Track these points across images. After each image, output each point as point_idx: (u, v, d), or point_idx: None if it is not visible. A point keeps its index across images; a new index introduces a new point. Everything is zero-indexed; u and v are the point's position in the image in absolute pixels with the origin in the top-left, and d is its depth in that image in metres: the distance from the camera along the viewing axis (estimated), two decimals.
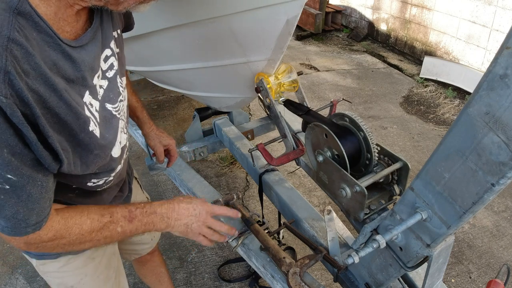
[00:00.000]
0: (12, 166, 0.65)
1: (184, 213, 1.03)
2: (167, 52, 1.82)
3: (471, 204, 0.77)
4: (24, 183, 0.68)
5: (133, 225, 0.95)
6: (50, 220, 0.80)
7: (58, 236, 0.83)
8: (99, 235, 0.89)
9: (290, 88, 1.78)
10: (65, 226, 0.83)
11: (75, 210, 0.87)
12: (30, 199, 0.71)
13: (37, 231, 0.77)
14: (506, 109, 0.64)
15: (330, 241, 1.33)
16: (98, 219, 0.89)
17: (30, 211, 0.72)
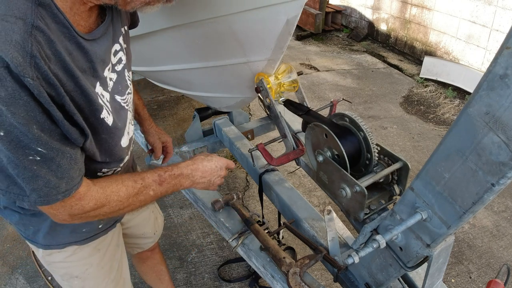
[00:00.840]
0: (42, 141, 0.70)
1: (207, 171, 1.13)
2: (167, 52, 1.82)
3: (471, 204, 0.77)
4: (54, 155, 0.73)
5: (163, 187, 1.02)
6: (89, 191, 0.86)
7: (99, 205, 0.89)
8: (135, 199, 0.96)
9: (290, 88, 1.78)
10: (104, 194, 0.89)
11: (110, 180, 0.93)
12: (60, 169, 0.75)
13: (80, 203, 0.84)
14: (506, 109, 0.64)
15: (330, 241, 1.33)
16: (132, 185, 0.95)
17: (60, 180, 0.76)
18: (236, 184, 3.07)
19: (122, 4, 0.81)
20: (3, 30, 0.63)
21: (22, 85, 0.64)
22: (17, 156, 0.69)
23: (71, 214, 0.86)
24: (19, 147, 0.69)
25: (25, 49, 0.64)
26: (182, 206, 2.83)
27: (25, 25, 0.65)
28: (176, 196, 2.91)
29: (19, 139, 0.68)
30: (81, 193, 0.85)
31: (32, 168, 0.72)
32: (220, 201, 1.62)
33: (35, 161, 0.71)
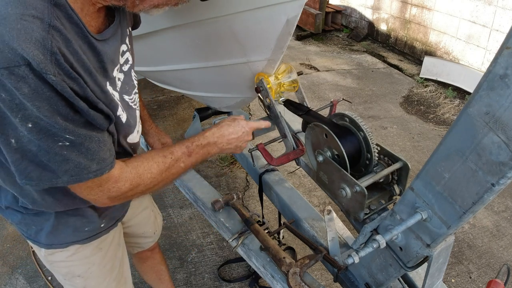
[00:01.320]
0: (68, 129, 0.72)
1: (233, 137, 1.15)
2: (167, 52, 1.81)
3: (471, 204, 0.77)
4: (82, 140, 0.76)
5: (192, 158, 1.05)
6: (123, 173, 0.89)
7: (135, 185, 0.92)
8: (167, 174, 0.99)
9: (290, 88, 1.78)
10: (137, 174, 0.92)
11: (140, 159, 0.96)
12: (89, 151, 0.78)
13: (117, 185, 0.88)
14: (506, 109, 0.64)
15: (330, 241, 1.33)
16: (162, 160, 0.98)
17: (90, 161, 0.79)
18: (236, 184, 3.07)
19: (130, 6, 0.82)
20: (23, 29, 0.64)
21: (44, 81, 0.66)
22: (47, 143, 0.71)
23: (110, 197, 0.89)
24: (48, 135, 0.71)
25: (46, 46, 0.65)
26: (182, 206, 2.83)
27: (43, 24, 0.66)
28: (176, 196, 2.91)
29: (47, 128, 0.70)
30: (116, 176, 0.87)
31: (62, 153, 0.74)
32: (220, 201, 1.62)
33: (64, 146, 0.73)
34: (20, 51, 0.63)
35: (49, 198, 0.99)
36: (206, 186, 1.80)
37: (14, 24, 0.64)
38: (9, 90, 0.65)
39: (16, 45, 0.63)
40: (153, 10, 0.86)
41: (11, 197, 1.03)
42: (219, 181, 3.10)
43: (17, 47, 0.63)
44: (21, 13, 0.65)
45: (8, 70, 0.63)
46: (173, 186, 2.97)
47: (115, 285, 1.33)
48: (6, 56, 0.63)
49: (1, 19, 0.64)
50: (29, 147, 0.71)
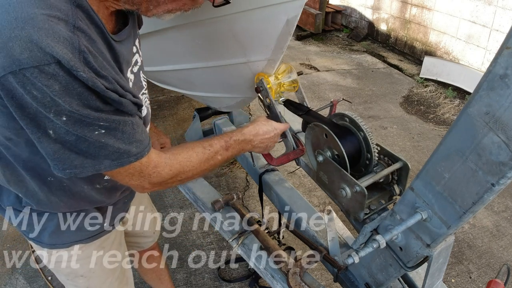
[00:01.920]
0: (101, 118, 0.74)
1: (266, 137, 1.22)
2: (167, 52, 1.81)
3: (471, 204, 0.77)
4: (116, 125, 0.77)
5: (229, 152, 1.09)
6: (161, 158, 0.92)
7: (175, 171, 0.95)
8: (206, 164, 1.03)
9: (290, 88, 1.78)
10: (176, 161, 0.95)
11: (179, 148, 0.99)
12: (125, 135, 0.80)
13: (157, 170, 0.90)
14: (506, 109, 0.64)
15: (330, 241, 1.33)
16: (202, 151, 1.02)
17: (129, 145, 0.81)
18: (236, 184, 3.07)
19: (144, 11, 0.84)
20: (50, 28, 0.65)
21: (75, 78, 0.67)
22: (84, 133, 0.73)
23: (151, 182, 0.91)
24: (83, 126, 0.72)
25: (73, 45, 0.67)
26: (182, 206, 2.83)
27: (68, 25, 0.68)
28: (176, 196, 2.91)
29: (81, 120, 0.72)
30: (155, 161, 0.90)
31: (100, 140, 0.76)
32: (220, 201, 1.62)
33: (101, 134, 0.75)
34: (49, 50, 0.64)
35: (54, 199, 0.99)
36: (206, 186, 1.80)
37: (41, 24, 0.64)
38: (40, 88, 0.66)
39: (45, 44, 0.63)
40: (166, 15, 0.87)
41: (14, 197, 1.03)
42: (219, 181, 3.10)
43: (46, 46, 0.63)
44: (47, 14, 0.66)
45: (38, 69, 0.64)
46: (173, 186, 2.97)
47: (118, 284, 1.33)
48: (35, 55, 0.63)
49: (29, 19, 0.64)
50: (67, 137, 0.73)
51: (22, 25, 0.64)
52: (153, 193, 2.94)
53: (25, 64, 0.63)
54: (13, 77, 0.65)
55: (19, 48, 0.63)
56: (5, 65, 0.64)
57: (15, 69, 0.64)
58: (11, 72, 0.64)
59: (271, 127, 1.24)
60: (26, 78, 0.65)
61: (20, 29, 0.63)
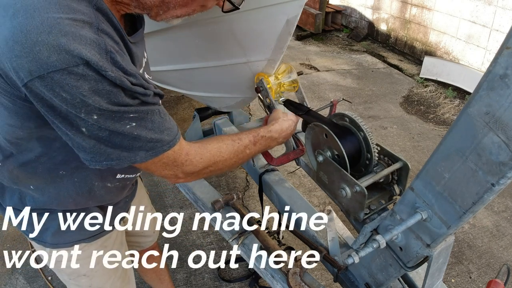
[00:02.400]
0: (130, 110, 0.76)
1: (288, 132, 1.28)
2: (167, 52, 1.81)
3: (471, 204, 0.77)
4: (144, 115, 0.79)
5: (256, 147, 1.13)
6: (192, 146, 0.93)
7: (206, 161, 0.96)
8: (236, 157, 1.05)
9: (290, 88, 1.78)
10: (206, 150, 0.96)
11: (209, 140, 1.01)
12: (155, 124, 0.81)
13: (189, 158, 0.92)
14: (506, 109, 0.64)
15: (330, 241, 1.33)
16: (231, 143, 1.04)
17: (160, 134, 0.82)
18: (236, 184, 3.07)
19: (154, 16, 0.84)
20: (77, 32, 0.66)
21: (104, 77, 0.69)
22: (116, 127, 0.75)
23: (184, 171, 0.93)
24: (115, 121, 0.74)
25: (100, 46, 0.68)
26: (182, 206, 2.83)
27: (92, 28, 0.69)
28: (176, 196, 2.91)
29: (112, 116, 0.73)
30: (186, 148, 0.91)
31: (133, 133, 0.78)
32: (220, 201, 1.62)
33: (132, 127, 0.77)
34: (77, 52, 0.65)
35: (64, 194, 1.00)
36: (206, 186, 1.80)
37: (67, 28, 0.65)
38: (69, 90, 0.67)
39: (72, 47, 0.64)
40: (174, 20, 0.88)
41: (17, 198, 1.03)
42: (219, 181, 3.10)
43: (74, 48, 0.64)
44: (71, 18, 0.67)
45: (67, 71, 0.65)
46: (173, 186, 2.98)
47: (120, 284, 1.33)
48: (63, 57, 0.64)
49: (55, 24, 0.65)
50: (101, 133, 0.75)
51: (49, 30, 0.64)
52: (153, 193, 2.94)
53: (53, 67, 0.64)
54: (40, 81, 0.66)
55: (47, 52, 0.64)
56: (32, 69, 0.65)
57: (42, 73, 0.65)
58: (38, 76, 0.65)
59: (290, 121, 1.29)
60: (55, 81, 0.66)
61: (47, 33, 0.64)
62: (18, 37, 0.64)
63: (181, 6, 0.83)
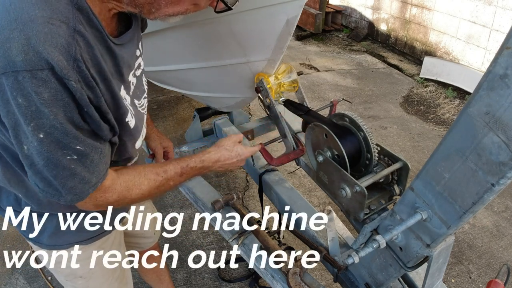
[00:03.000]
0: (79, 139, 0.74)
1: (228, 162, 1.17)
2: (167, 52, 1.82)
3: (471, 204, 0.77)
4: (88, 151, 0.77)
5: (182, 178, 1.07)
6: (113, 184, 0.89)
7: (122, 197, 0.92)
8: (156, 191, 1.00)
9: (290, 88, 1.78)
10: (126, 188, 0.93)
11: (133, 173, 0.96)
12: (92, 164, 0.79)
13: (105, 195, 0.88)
14: (506, 109, 0.64)
15: (330, 241, 1.33)
16: (154, 178, 0.99)
17: (91, 175, 0.80)
18: (236, 184, 3.07)
19: (146, 13, 0.83)
20: (50, 33, 0.65)
21: (65, 87, 0.67)
22: (56, 156, 0.72)
23: (95, 205, 0.89)
24: (59, 147, 0.71)
25: (70, 52, 0.67)
26: (182, 206, 2.83)
27: (68, 29, 0.67)
28: (176, 196, 2.91)
29: (59, 140, 0.70)
30: (106, 187, 0.88)
31: (70, 167, 0.75)
32: (220, 201, 1.62)
33: (72, 160, 0.74)
34: (45, 55, 0.63)
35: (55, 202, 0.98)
36: (206, 186, 1.80)
37: (41, 27, 0.64)
38: (27, 95, 0.65)
39: (41, 49, 0.63)
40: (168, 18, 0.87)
41: (13, 198, 1.03)
42: (219, 181, 3.10)
43: (43, 50, 0.63)
44: (48, 17, 0.65)
45: (30, 73, 0.64)
46: None
47: (117, 285, 1.33)
48: (30, 58, 0.63)
49: (29, 21, 0.64)
50: (38, 159, 0.72)
51: (22, 27, 0.63)
52: None
53: (18, 67, 0.63)
54: (5, 79, 0.64)
55: (16, 50, 0.63)
56: (0, 65, 0.64)
57: (8, 70, 0.63)
58: (3, 73, 0.64)
59: (235, 153, 1.18)
60: (17, 82, 0.64)
61: (19, 31, 0.63)
62: None
63: (172, 4, 0.82)
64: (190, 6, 0.85)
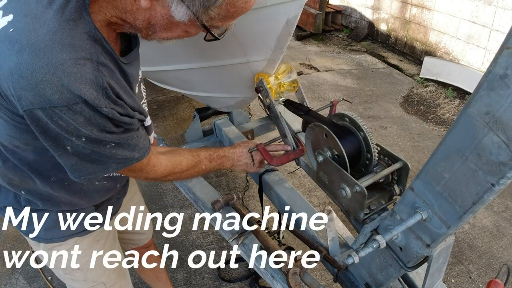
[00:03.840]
0: (114, 138, 0.87)
1: (243, 155, 1.39)
2: (167, 52, 1.81)
3: (471, 204, 0.77)
4: (124, 141, 0.90)
5: (211, 164, 1.29)
6: (159, 159, 1.10)
7: (168, 171, 1.14)
8: (192, 170, 1.22)
9: (290, 88, 1.78)
10: (170, 162, 1.14)
11: (173, 152, 1.19)
12: (131, 146, 0.93)
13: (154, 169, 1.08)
14: (506, 109, 0.64)
15: (330, 241, 1.33)
16: (191, 158, 1.21)
17: (132, 152, 0.94)
18: (236, 184, 3.07)
19: (145, 36, 0.91)
20: (78, 72, 0.73)
21: (98, 112, 0.78)
22: (98, 148, 0.85)
23: (147, 177, 1.09)
24: (98, 143, 0.85)
25: (98, 84, 0.76)
26: (182, 206, 2.83)
27: (93, 64, 0.76)
28: (176, 196, 2.91)
29: (97, 139, 0.83)
30: (153, 161, 1.06)
31: (111, 152, 0.89)
32: (220, 201, 1.62)
33: (112, 147, 0.88)
34: (77, 92, 0.73)
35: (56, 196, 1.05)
36: (206, 186, 1.80)
37: (70, 69, 0.72)
38: (66, 120, 0.76)
39: (73, 88, 0.72)
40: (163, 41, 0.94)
41: (12, 197, 1.07)
42: (219, 181, 3.10)
43: (75, 89, 0.72)
44: (74, 58, 0.73)
45: (67, 107, 0.74)
46: (173, 186, 2.97)
47: (115, 277, 1.36)
48: (65, 96, 0.72)
49: (59, 65, 0.71)
50: (83, 151, 0.84)
51: (53, 71, 0.71)
52: (153, 193, 2.94)
53: (55, 103, 0.73)
54: (41, 112, 0.74)
55: (51, 91, 0.71)
56: (35, 102, 0.72)
57: (45, 106, 0.73)
58: (40, 108, 0.73)
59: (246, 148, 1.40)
60: (55, 113, 0.74)
61: (52, 74, 0.71)
62: (24, 73, 0.70)
63: (166, 30, 0.88)
64: (182, 33, 0.91)
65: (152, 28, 0.87)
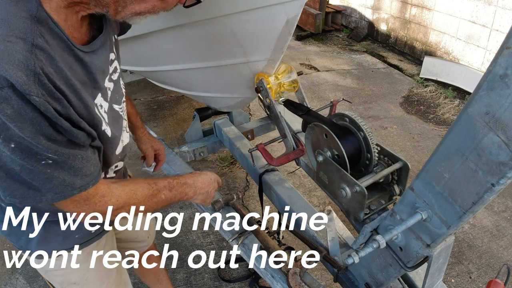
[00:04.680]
0: (51, 149, 0.72)
1: (205, 182, 1.22)
2: (167, 52, 1.82)
3: (471, 204, 0.77)
4: (65, 159, 0.76)
5: (172, 193, 1.09)
6: (110, 188, 0.92)
7: (121, 202, 0.94)
8: (150, 201, 1.02)
9: (290, 88, 1.78)
10: (123, 192, 0.94)
11: (126, 181, 1.00)
12: (72, 169, 0.78)
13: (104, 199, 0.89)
14: (506, 109, 0.64)
15: (330, 241, 1.33)
16: (147, 187, 1.01)
17: (74, 177, 0.80)
18: (236, 184, 3.07)
19: (113, 14, 0.81)
20: (6, 50, 0.64)
21: (28, 102, 0.66)
22: (31, 163, 0.72)
23: (96, 210, 0.90)
24: (31, 155, 0.71)
25: (29, 67, 0.66)
26: (182, 206, 2.83)
27: (26, 44, 0.66)
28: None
29: (30, 148, 0.70)
30: (102, 190, 0.89)
31: (46, 171, 0.74)
32: (220, 201, 1.62)
33: (48, 164, 0.74)
34: (3, 73, 0.63)
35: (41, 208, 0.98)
36: None
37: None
38: None
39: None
40: (136, 18, 0.84)
41: None
42: None
43: (0, 69, 0.63)
44: (4, 34, 0.65)
45: None
46: None
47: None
48: None
49: None
50: (12, 166, 0.72)
51: None
52: None
53: None
54: None
55: None
56: None
57: None
58: None
59: (208, 175, 1.26)
60: None
61: None
62: None
63: (138, 2, 0.79)
64: (157, 2, 0.81)
65: (122, 1, 0.78)
